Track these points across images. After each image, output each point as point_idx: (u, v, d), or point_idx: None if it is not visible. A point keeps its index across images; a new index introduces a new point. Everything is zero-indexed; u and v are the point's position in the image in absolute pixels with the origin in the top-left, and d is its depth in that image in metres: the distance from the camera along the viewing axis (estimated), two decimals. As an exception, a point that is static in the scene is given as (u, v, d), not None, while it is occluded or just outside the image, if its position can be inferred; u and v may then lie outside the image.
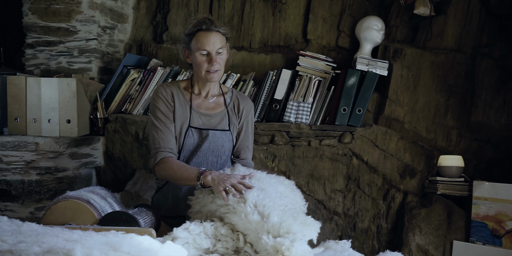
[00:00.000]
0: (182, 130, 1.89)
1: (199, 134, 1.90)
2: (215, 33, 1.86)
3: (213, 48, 1.84)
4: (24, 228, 1.20)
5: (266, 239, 1.26)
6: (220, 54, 1.87)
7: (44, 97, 2.56)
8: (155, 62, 2.92)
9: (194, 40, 1.86)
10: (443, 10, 2.77)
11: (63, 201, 1.49)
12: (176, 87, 1.95)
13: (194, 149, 1.91)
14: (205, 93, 1.97)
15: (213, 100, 1.97)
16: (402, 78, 2.78)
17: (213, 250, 1.41)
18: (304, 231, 1.28)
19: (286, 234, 1.25)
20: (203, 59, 1.85)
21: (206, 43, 1.83)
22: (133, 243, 1.14)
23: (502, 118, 2.72)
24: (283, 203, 1.43)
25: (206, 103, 1.95)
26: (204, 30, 1.85)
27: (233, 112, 1.99)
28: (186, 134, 1.89)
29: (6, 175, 2.47)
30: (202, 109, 1.94)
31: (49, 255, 0.97)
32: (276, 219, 1.30)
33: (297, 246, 1.21)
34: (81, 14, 2.86)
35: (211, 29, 1.85)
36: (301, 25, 3.04)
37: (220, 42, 1.86)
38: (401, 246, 2.59)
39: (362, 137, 2.73)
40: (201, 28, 1.85)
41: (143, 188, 2.73)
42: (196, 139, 1.90)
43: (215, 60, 1.84)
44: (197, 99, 1.95)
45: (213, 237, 1.42)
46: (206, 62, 1.85)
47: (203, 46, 1.83)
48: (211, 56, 1.84)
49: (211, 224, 1.44)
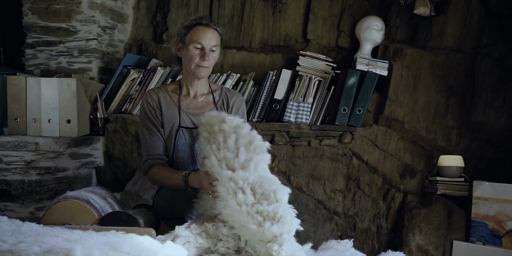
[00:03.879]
0: (173, 131, 1.89)
1: (190, 133, 1.90)
2: (213, 30, 1.86)
3: (209, 43, 1.84)
4: (24, 228, 1.20)
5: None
6: (213, 51, 1.86)
7: (44, 97, 2.56)
8: (155, 62, 2.92)
9: (191, 32, 1.86)
10: (443, 10, 2.77)
11: (63, 201, 1.49)
12: (163, 90, 1.95)
13: (187, 149, 1.90)
14: (194, 93, 1.96)
15: (202, 99, 1.96)
16: (402, 78, 2.78)
17: (214, 250, 1.40)
18: (289, 229, 1.29)
19: (274, 238, 1.26)
20: (196, 53, 1.85)
21: (203, 37, 1.83)
22: (133, 243, 1.14)
23: (502, 118, 2.72)
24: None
25: (194, 102, 1.95)
26: (203, 24, 1.86)
27: (222, 109, 1.98)
28: (177, 135, 1.88)
29: (6, 175, 2.47)
30: (190, 109, 1.93)
31: (49, 255, 0.97)
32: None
33: (285, 247, 1.22)
34: (81, 14, 2.86)
35: (210, 26, 1.86)
36: (301, 25, 3.04)
37: (215, 40, 1.87)
38: (401, 246, 2.59)
39: (362, 137, 2.73)
40: (201, 22, 1.86)
41: (143, 188, 2.73)
42: (188, 138, 1.89)
43: (208, 55, 1.84)
44: (185, 100, 1.94)
45: (214, 236, 1.42)
46: (198, 56, 1.85)
47: (199, 39, 1.83)
48: (204, 51, 1.84)
49: (213, 224, 1.43)
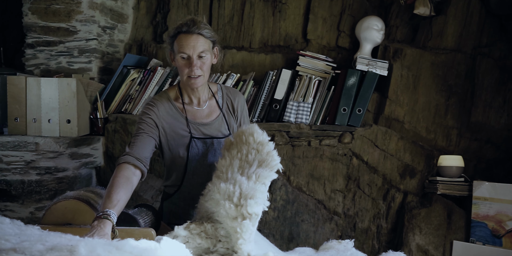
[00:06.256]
0: (184, 142, 1.83)
1: (203, 143, 1.85)
2: (196, 36, 1.75)
3: (194, 51, 1.74)
4: (27, 231, 1.20)
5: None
6: (202, 58, 1.76)
7: (44, 97, 2.56)
8: (155, 62, 2.92)
9: (176, 42, 1.77)
10: (443, 10, 2.77)
11: (63, 201, 1.49)
12: (167, 101, 1.86)
13: (201, 159, 1.85)
14: (196, 100, 1.89)
15: (206, 106, 1.90)
16: (402, 78, 2.78)
17: (214, 250, 1.41)
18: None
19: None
20: (183, 63, 1.77)
21: (186, 46, 1.74)
22: (135, 243, 1.14)
23: (502, 118, 2.72)
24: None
25: (200, 112, 1.88)
26: (184, 32, 1.75)
27: (228, 113, 1.93)
28: (189, 146, 1.83)
29: (6, 175, 2.47)
30: (197, 119, 1.87)
31: (53, 252, 0.97)
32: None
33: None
34: (81, 14, 2.86)
35: (192, 32, 1.75)
36: (301, 25, 3.04)
37: (202, 46, 1.75)
38: (401, 246, 2.59)
39: (362, 137, 2.73)
40: (181, 30, 1.76)
41: (143, 188, 2.73)
42: (201, 149, 1.85)
43: (195, 65, 1.74)
44: (190, 109, 1.88)
45: (214, 237, 1.42)
46: (186, 67, 1.76)
47: (182, 49, 1.74)
48: (191, 60, 1.75)
49: (212, 225, 1.44)
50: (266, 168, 1.48)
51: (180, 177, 1.88)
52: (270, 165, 1.49)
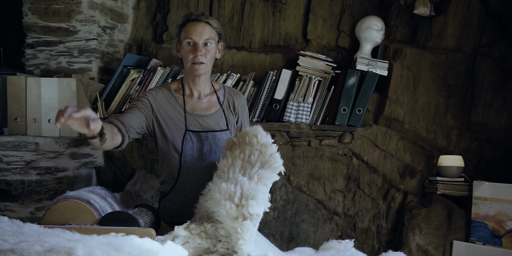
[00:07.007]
0: (179, 134, 1.85)
1: (198, 137, 1.86)
2: (204, 24, 1.82)
3: (200, 38, 1.79)
4: (26, 229, 1.20)
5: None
6: (207, 46, 1.81)
7: (44, 97, 2.56)
8: (155, 62, 2.92)
9: (183, 30, 1.83)
10: (443, 10, 2.77)
11: (63, 201, 1.49)
12: (167, 90, 1.90)
13: (195, 152, 1.86)
14: (197, 93, 1.92)
15: (206, 99, 1.92)
16: (402, 78, 2.78)
17: (214, 250, 1.40)
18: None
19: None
20: (189, 49, 1.81)
21: (193, 32, 1.79)
22: (134, 244, 1.14)
23: (502, 118, 2.72)
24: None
25: (199, 104, 1.91)
26: (192, 20, 1.82)
27: (228, 110, 1.94)
28: (184, 138, 1.84)
29: (6, 175, 2.47)
30: (196, 111, 1.89)
31: (51, 253, 0.97)
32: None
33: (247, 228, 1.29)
34: (81, 14, 2.86)
35: (200, 19, 1.82)
36: (301, 25, 3.04)
37: (208, 34, 1.81)
38: (401, 246, 2.59)
39: (362, 137, 2.73)
40: (190, 18, 1.83)
41: (143, 188, 2.73)
42: (195, 142, 1.85)
43: (200, 50, 1.79)
44: (190, 101, 1.90)
45: (214, 237, 1.42)
46: (191, 53, 1.80)
47: (189, 35, 1.80)
48: (196, 46, 1.79)
49: (212, 225, 1.44)
50: (269, 170, 1.48)
51: (175, 172, 1.88)
52: (272, 167, 1.49)
